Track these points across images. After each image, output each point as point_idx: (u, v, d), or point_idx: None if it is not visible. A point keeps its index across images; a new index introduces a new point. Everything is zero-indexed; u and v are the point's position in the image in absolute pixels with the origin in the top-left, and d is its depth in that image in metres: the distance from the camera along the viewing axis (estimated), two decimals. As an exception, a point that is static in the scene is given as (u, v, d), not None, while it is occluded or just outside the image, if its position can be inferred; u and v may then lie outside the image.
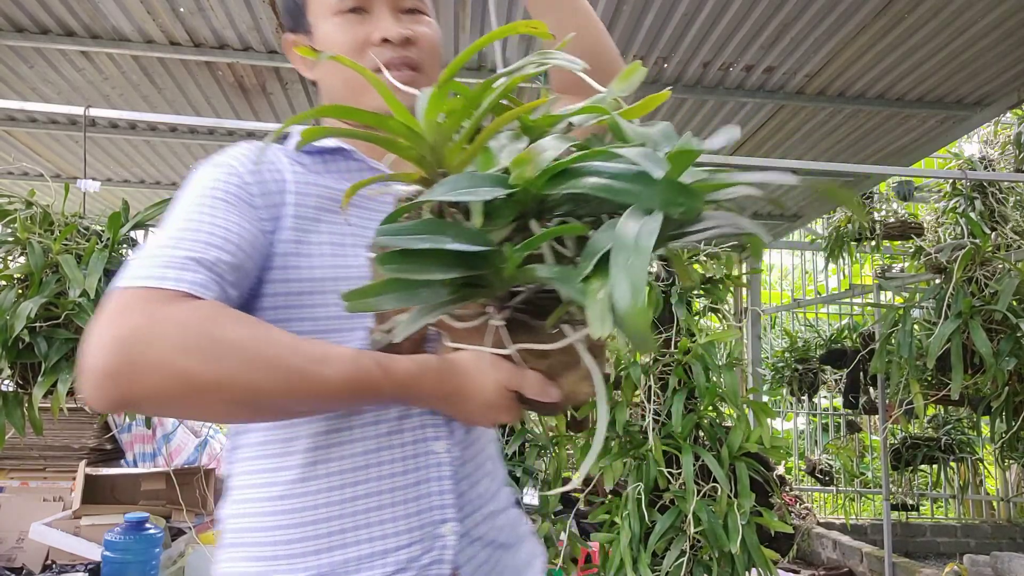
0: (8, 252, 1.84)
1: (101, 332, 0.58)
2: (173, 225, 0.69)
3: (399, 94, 0.79)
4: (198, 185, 0.74)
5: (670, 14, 2.65)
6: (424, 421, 0.77)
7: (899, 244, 5.19)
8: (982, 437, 4.93)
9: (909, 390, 2.71)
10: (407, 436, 0.76)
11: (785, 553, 4.42)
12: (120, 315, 0.60)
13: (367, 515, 0.73)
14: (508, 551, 0.85)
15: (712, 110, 3.43)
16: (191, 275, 0.63)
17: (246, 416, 0.69)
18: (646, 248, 0.36)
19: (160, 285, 0.62)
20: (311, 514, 0.72)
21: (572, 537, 2.21)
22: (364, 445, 0.74)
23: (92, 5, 2.62)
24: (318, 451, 0.73)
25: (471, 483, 0.81)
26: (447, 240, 0.44)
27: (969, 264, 2.57)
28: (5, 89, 3.25)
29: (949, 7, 2.56)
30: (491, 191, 0.42)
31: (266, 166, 0.79)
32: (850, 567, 4.39)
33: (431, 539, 0.75)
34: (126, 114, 2.51)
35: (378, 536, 0.73)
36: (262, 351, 0.60)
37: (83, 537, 2.35)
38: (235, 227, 0.71)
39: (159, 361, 0.57)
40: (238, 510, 0.77)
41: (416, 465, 0.76)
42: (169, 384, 0.58)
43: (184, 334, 0.58)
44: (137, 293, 0.61)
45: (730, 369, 2.08)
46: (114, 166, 4.30)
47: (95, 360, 0.58)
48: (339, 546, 0.72)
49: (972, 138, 5.20)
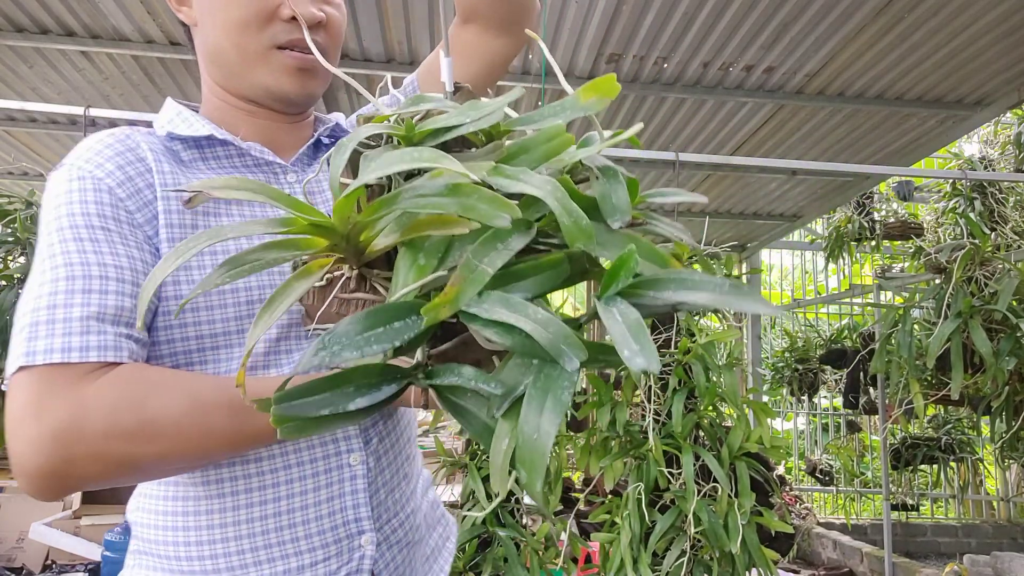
0: (8, 252, 1.85)
1: (27, 430, 0.56)
2: (55, 272, 0.61)
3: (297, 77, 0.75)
4: (64, 211, 0.65)
5: (670, 14, 2.65)
6: (337, 435, 0.74)
7: (899, 244, 5.19)
8: (982, 437, 4.94)
9: (909, 390, 2.71)
10: (318, 451, 0.72)
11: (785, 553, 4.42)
12: (40, 406, 0.56)
13: (279, 532, 0.69)
14: (420, 544, 0.84)
15: (712, 110, 3.43)
16: (96, 338, 0.59)
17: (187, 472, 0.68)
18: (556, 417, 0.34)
19: (67, 360, 0.58)
20: (220, 532, 0.69)
21: (572, 537, 2.21)
22: (272, 463, 0.70)
23: (92, 5, 2.62)
24: (223, 468, 0.69)
25: (388, 489, 0.78)
26: (349, 397, 0.40)
27: (969, 264, 2.57)
28: (5, 89, 3.25)
29: (949, 6, 2.56)
30: (403, 329, 0.38)
31: (132, 167, 0.70)
32: (850, 567, 4.40)
33: (348, 551, 0.73)
34: (126, 114, 2.51)
35: (292, 553, 0.70)
36: (196, 421, 0.59)
37: (83, 537, 2.35)
38: (126, 260, 0.64)
39: (96, 452, 0.56)
40: (147, 519, 0.73)
41: (329, 480, 0.72)
42: (109, 470, 0.57)
43: (114, 419, 0.57)
44: (47, 373, 0.58)
45: (730, 369, 2.08)
46: (114, 166, 4.30)
47: (30, 461, 0.56)
48: (253, 563, 0.69)
49: (972, 138, 5.20)
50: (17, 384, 0.58)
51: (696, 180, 4.41)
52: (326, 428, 0.40)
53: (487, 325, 0.37)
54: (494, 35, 0.85)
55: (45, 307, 0.60)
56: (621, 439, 2.09)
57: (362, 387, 0.40)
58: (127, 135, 0.72)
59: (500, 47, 0.86)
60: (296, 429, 0.39)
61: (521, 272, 0.40)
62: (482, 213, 0.39)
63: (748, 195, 4.71)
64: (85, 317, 0.60)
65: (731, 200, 4.83)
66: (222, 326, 0.68)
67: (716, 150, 3.88)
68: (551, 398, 0.35)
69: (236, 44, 0.74)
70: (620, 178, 0.46)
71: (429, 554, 0.85)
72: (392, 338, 0.38)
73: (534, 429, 0.34)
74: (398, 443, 0.81)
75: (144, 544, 0.72)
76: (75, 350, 0.58)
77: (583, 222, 0.40)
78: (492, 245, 0.40)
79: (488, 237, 0.40)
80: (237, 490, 0.69)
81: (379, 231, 0.45)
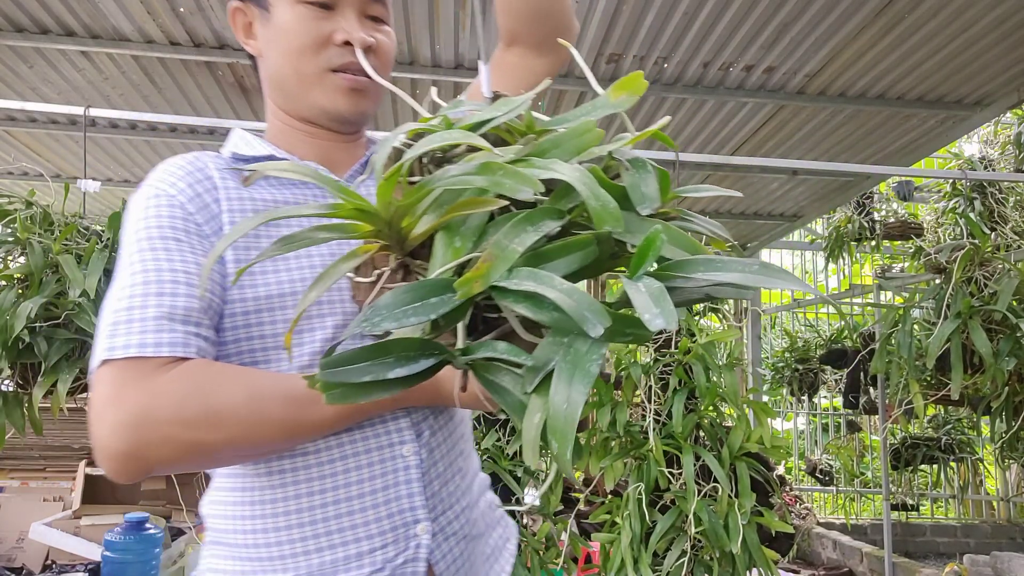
0: (8, 252, 1.84)
1: (107, 417, 0.64)
2: (133, 278, 0.70)
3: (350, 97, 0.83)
4: (142, 224, 0.74)
5: (670, 14, 2.65)
6: (389, 427, 0.78)
7: (899, 244, 5.20)
8: (982, 437, 4.94)
9: (909, 390, 2.71)
10: (372, 443, 0.77)
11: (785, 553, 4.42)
12: (119, 396, 0.64)
13: (339, 520, 0.75)
14: (479, 540, 0.88)
15: (712, 110, 3.43)
16: (168, 336, 0.67)
17: (250, 460, 0.75)
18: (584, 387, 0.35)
19: (142, 354, 0.65)
20: (283, 519, 0.74)
21: (573, 537, 2.21)
22: (329, 454, 0.75)
23: (92, 5, 2.62)
24: (284, 460, 0.75)
25: (443, 482, 0.82)
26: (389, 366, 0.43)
27: (969, 264, 2.57)
28: (5, 89, 3.25)
29: (949, 7, 2.56)
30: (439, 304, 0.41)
31: (201, 184, 0.78)
32: (850, 567, 4.40)
33: (405, 540, 0.77)
34: (126, 114, 2.51)
35: (351, 540, 0.75)
36: (254, 410, 0.66)
37: (83, 537, 2.35)
38: (193, 267, 0.72)
39: (166, 437, 0.63)
40: (219, 511, 0.79)
41: (383, 470, 0.77)
42: (180, 454, 0.64)
43: (182, 407, 0.64)
44: (125, 367, 0.65)
45: (730, 369, 2.08)
46: (114, 166, 4.30)
47: (111, 445, 0.63)
48: (315, 549, 0.74)
49: (972, 138, 5.20)
50: (100, 377, 0.66)
51: (696, 180, 4.40)
52: (368, 395, 0.43)
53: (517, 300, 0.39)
54: (536, 55, 0.93)
55: (124, 308, 0.68)
56: (621, 439, 2.10)
57: (401, 358, 0.43)
58: (197, 157, 0.81)
59: (543, 65, 0.93)
60: (341, 395, 0.42)
61: (550, 253, 0.42)
62: (507, 187, 0.42)
63: (748, 195, 4.71)
64: (158, 317, 0.67)
65: (731, 200, 4.83)
66: (283, 327, 0.75)
67: (716, 150, 3.88)
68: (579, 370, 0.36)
69: (295, 69, 0.82)
70: (649, 168, 0.48)
71: (490, 553, 0.89)
72: (428, 312, 0.40)
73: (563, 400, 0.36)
74: (451, 438, 0.85)
75: (216, 535, 0.79)
76: (149, 346, 0.66)
77: (611, 205, 0.41)
78: (523, 227, 0.42)
79: (519, 220, 0.42)
80: (298, 480, 0.74)
81: (419, 216, 0.47)
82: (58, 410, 1.73)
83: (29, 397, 1.78)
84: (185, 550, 2.48)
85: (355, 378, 0.42)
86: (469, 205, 0.44)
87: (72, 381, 1.74)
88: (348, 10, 0.82)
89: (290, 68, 0.82)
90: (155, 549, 2.20)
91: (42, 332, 1.72)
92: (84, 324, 1.71)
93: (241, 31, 0.88)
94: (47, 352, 1.71)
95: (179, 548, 2.47)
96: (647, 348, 2.24)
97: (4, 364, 1.72)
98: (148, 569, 2.17)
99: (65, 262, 1.75)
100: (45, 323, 1.73)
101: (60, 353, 1.72)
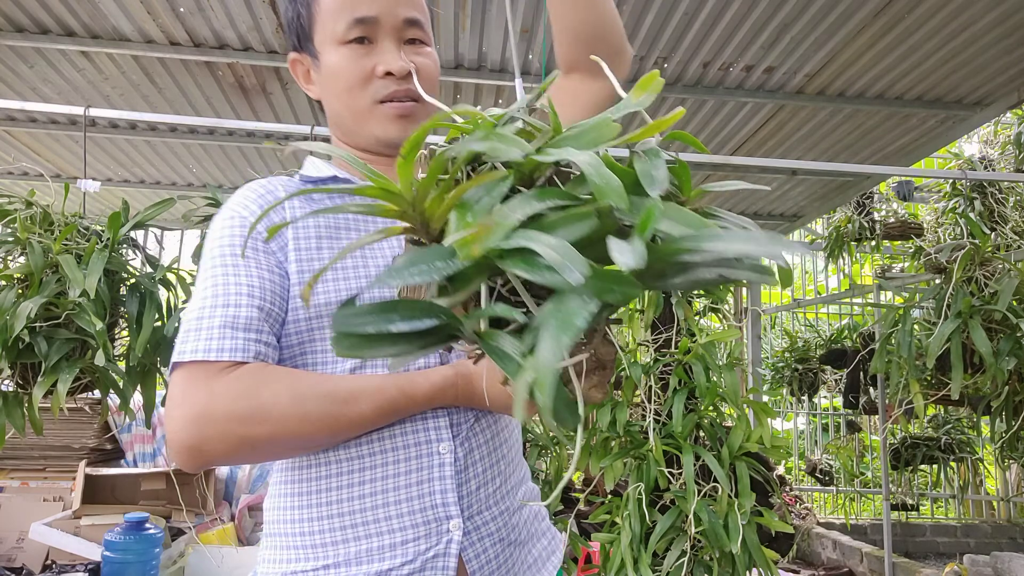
0: (8, 252, 1.84)
1: (175, 413, 0.73)
2: (205, 291, 0.80)
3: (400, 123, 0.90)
4: (217, 244, 0.83)
5: (670, 14, 2.65)
6: (428, 425, 0.83)
7: (899, 244, 5.20)
8: (982, 437, 4.94)
9: (909, 390, 2.71)
10: (410, 439, 0.82)
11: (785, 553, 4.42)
12: (185, 395, 0.74)
13: (375, 511, 0.80)
14: (522, 547, 0.90)
15: (712, 110, 3.43)
16: (230, 343, 0.76)
17: (301, 453, 0.82)
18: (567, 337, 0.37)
19: (206, 358, 0.74)
20: (326, 509, 0.81)
21: (573, 537, 2.21)
22: (370, 447, 0.81)
23: (92, 5, 2.62)
24: (329, 454, 0.81)
25: (480, 482, 0.86)
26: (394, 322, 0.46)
27: (969, 264, 2.57)
28: (5, 89, 3.25)
29: (949, 6, 2.56)
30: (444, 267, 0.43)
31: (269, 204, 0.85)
32: (850, 567, 4.40)
33: (436, 534, 0.81)
34: (126, 114, 2.51)
35: (386, 531, 0.80)
36: (298, 408, 0.73)
37: (83, 537, 2.35)
38: (256, 280, 0.80)
39: (222, 432, 0.72)
40: (272, 505, 0.87)
41: (419, 465, 0.82)
42: (233, 447, 0.72)
43: (234, 406, 0.72)
44: (192, 370, 0.75)
45: (730, 369, 2.08)
46: (114, 166, 4.30)
47: (177, 438, 0.72)
48: (352, 539, 0.80)
49: (972, 138, 5.21)
50: (173, 379, 0.76)
51: (696, 180, 4.41)
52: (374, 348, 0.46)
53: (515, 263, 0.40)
54: (592, 79, 1.00)
55: (195, 318, 0.77)
56: (621, 439, 2.10)
57: (405, 316, 0.46)
58: (269, 181, 0.91)
59: (600, 88, 1.01)
60: (349, 346, 0.45)
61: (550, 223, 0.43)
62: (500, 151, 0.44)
63: (748, 195, 4.72)
64: (222, 326, 0.76)
65: (731, 200, 4.83)
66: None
67: (716, 150, 3.88)
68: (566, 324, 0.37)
69: (347, 106, 0.90)
70: (662, 156, 0.50)
71: (532, 563, 0.92)
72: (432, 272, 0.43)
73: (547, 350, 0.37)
74: (492, 441, 0.89)
75: (271, 526, 0.86)
76: (212, 351, 0.74)
77: (614, 182, 0.42)
78: (528, 201, 0.44)
79: (527, 196, 0.44)
80: (341, 472, 0.81)
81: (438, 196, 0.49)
82: (58, 410, 1.72)
83: (29, 397, 1.78)
84: (185, 550, 2.47)
85: (360, 327, 0.45)
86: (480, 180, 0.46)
87: (72, 381, 1.74)
88: (386, 42, 0.89)
89: (343, 106, 0.90)
90: (155, 549, 2.21)
91: (42, 332, 1.72)
92: (84, 324, 1.71)
93: (302, 79, 0.97)
94: (47, 352, 1.71)
95: (179, 548, 2.47)
96: (647, 348, 2.24)
97: (4, 364, 1.71)
98: (148, 569, 2.17)
99: (65, 262, 1.75)
100: (45, 323, 1.73)
101: (60, 353, 1.72)
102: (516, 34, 0.87)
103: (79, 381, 1.81)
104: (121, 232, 1.89)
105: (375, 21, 0.88)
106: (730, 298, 2.28)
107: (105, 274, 1.78)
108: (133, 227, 1.93)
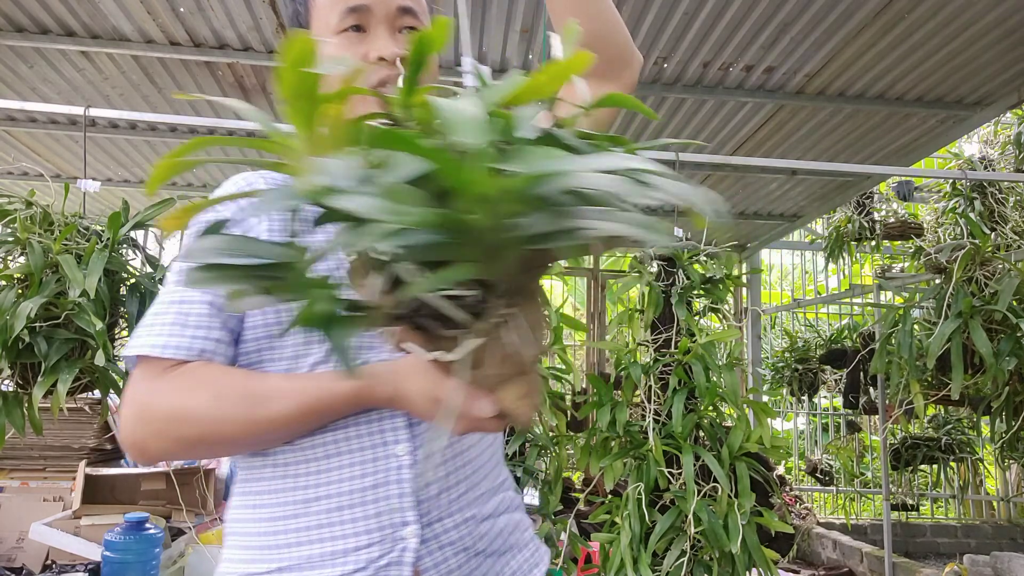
0: (8, 252, 1.84)
1: (123, 409, 0.76)
2: (169, 288, 0.81)
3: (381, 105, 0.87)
4: (186, 243, 0.82)
5: (670, 14, 2.65)
6: (384, 425, 0.79)
7: (899, 244, 5.19)
8: (982, 437, 4.94)
9: (909, 390, 2.71)
10: (365, 440, 0.78)
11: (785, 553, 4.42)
12: (133, 392, 0.76)
13: (328, 515, 0.77)
14: (494, 559, 0.85)
15: (712, 110, 3.43)
16: (177, 339, 0.76)
17: (243, 451, 0.81)
18: None
19: (151, 353, 0.76)
20: (280, 510, 0.79)
21: (572, 537, 2.21)
22: (325, 450, 0.78)
23: (92, 5, 2.62)
24: (280, 455, 0.80)
25: (442, 487, 0.80)
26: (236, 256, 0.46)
27: (969, 264, 2.57)
28: (5, 89, 3.25)
29: (949, 6, 2.56)
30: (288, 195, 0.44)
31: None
32: (850, 567, 4.40)
33: (391, 541, 0.76)
34: (126, 114, 2.51)
35: (339, 536, 0.76)
36: (217, 409, 0.73)
37: (83, 537, 2.35)
38: None
39: (158, 432, 0.74)
40: (233, 504, 0.86)
41: (375, 468, 0.78)
42: (171, 446, 0.74)
43: (169, 406, 0.74)
44: (143, 368, 0.77)
45: (730, 369, 2.08)
46: (114, 166, 4.30)
47: (123, 434, 0.75)
48: (306, 542, 0.77)
49: (972, 138, 5.21)
50: (131, 374, 0.78)
51: (696, 180, 4.41)
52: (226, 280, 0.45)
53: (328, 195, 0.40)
54: (599, 83, 1.00)
55: (151, 314, 0.79)
56: (621, 439, 2.09)
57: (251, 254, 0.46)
58: (250, 183, 0.90)
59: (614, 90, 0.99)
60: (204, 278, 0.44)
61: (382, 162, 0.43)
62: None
63: (748, 195, 4.71)
64: (173, 323, 0.77)
65: (731, 200, 4.83)
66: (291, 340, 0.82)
67: (716, 150, 3.88)
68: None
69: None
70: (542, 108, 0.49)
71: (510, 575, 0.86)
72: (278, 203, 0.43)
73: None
74: (457, 444, 0.84)
75: (231, 525, 0.86)
76: (158, 347, 0.76)
77: (467, 114, 0.41)
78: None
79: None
80: (299, 473, 0.79)
81: None
82: (58, 410, 1.72)
83: (29, 397, 1.78)
84: (185, 550, 2.47)
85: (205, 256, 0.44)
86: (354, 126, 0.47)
87: (72, 381, 1.74)
88: (379, 28, 0.88)
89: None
90: (155, 549, 2.20)
91: (42, 332, 1.72)
92: (84, 324, 1.71)
93: None
94: (47, 352, 1.71)
95: (179, 548, 2.46)
96: (647, 348, 2.24)
97: (4, 364, 1.72)
98: (148, 569, 2.17)
99: (65, 262, 1.75)
100: (45, 323, 1.73)
101: (60, 353, 1.72)
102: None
103: (79, 381, 1.81)
104: (121, 232, 1.89)
105: (367, 9, 0.87)
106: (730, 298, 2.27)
107: (105, 274, 1.79)
108: (133, 227, 1.93)
